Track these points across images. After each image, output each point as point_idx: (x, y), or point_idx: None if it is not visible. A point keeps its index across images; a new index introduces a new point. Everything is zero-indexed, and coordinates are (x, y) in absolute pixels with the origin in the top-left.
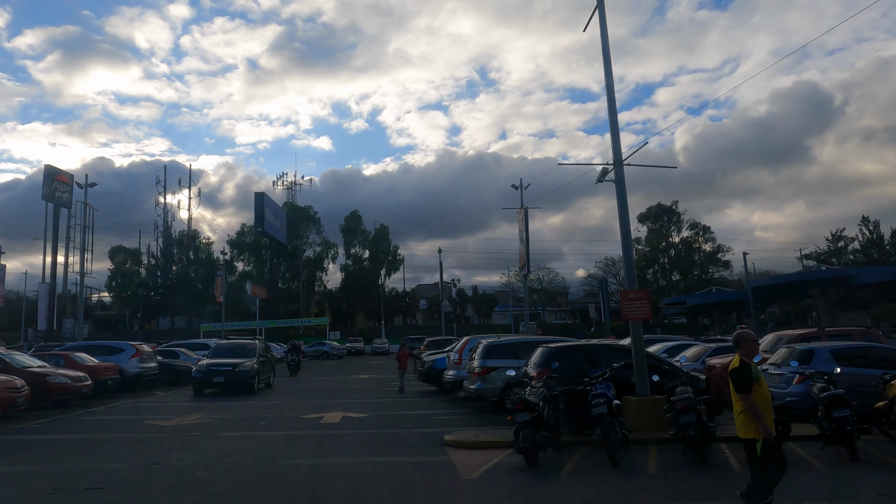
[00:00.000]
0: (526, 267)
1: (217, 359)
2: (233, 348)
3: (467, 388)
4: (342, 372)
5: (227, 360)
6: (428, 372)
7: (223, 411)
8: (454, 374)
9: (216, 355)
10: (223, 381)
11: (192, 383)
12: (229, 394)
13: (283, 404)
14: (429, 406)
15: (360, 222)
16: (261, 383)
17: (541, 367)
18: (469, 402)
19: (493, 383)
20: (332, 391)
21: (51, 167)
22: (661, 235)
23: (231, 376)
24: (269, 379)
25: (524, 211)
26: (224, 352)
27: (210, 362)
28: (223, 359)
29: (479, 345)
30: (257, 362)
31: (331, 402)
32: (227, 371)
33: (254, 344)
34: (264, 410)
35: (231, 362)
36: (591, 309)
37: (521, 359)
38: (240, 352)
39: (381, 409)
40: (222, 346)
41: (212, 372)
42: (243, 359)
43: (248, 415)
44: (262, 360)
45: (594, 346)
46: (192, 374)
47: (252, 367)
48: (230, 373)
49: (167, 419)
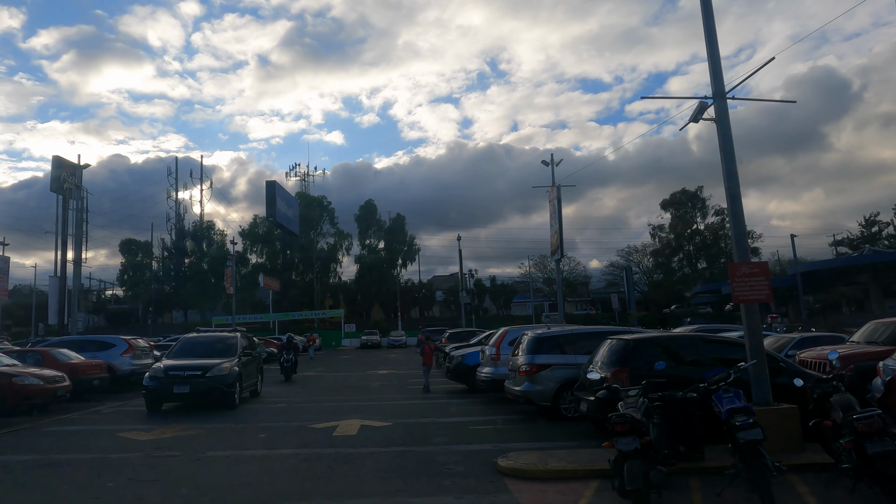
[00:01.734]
0: (559, 251)
1: (181, 359)
2: (205, 344)
3: (510, 390)
4: (358, 366)
5: (194, 362)
6: (457, 369)
7: (217, 419)
8: (491, 373)
9: (180, 354)
10: (188, 391)
11: (143, 395)
12: (198, 409)
13: (290, 408)
14: (463, 411)
15: (374, 212)
16: (245, 391)
17: (616, 366)
18: (509, 404)
19: (545, 384)
20: (347, 390)
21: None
22: (686, 222)
23: (199, 384)
24: (257, 385)
25: (556, 189)
26: (192, 349)
27: (170, 364)
28: (190, 359)
29: (523, 337)
30: (239, 363)
31: (346, 404)
32: (194, 377)
33: (234, 338)
34: (267, 417)
35: (200, 364)
36: (614, 299)
37: (579, 354)
38: (214, 349)
39: (407, 414)
40: (191, 340)
41: (171, 378)
42: (218, 359)
43: (246, 423)
44: (245, 361)
45: (680, 338)
46: (143, 383)
47: (231, 370)
48: (198, 379)
49: (146, 430)
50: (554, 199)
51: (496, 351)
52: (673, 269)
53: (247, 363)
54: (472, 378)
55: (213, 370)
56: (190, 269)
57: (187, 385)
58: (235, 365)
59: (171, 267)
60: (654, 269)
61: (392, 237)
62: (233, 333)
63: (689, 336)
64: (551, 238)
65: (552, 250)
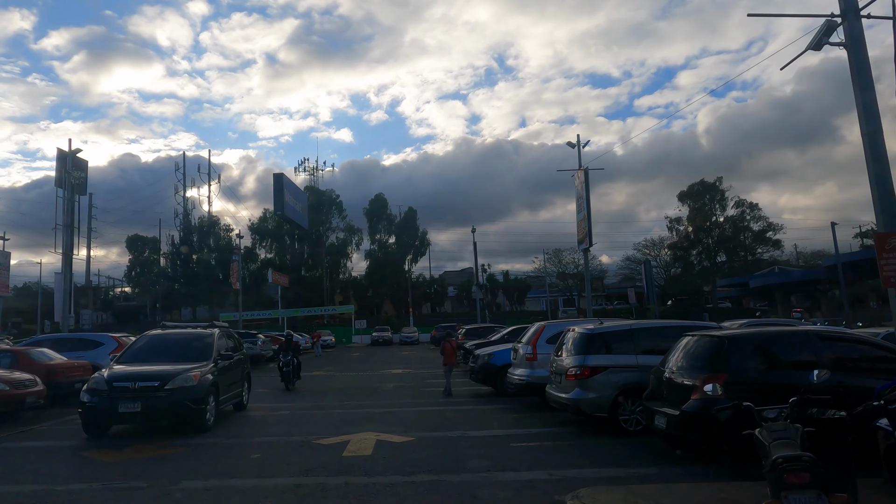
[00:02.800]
0: (587, 239)
1: (134, 365)
2: (170, 345)
3: (554, 397)
4: (369, 365)
5: (151, 369)
6: (484, 370)
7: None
8: (526, 375)
9: (135, 358)
10: (139, 409)
11: (78, 416)
12: (156, 433)
13: (293, 416)
14: (495, 420)
15: (385, 206)
16: (227, 404)
17: (706, 371)
18: (548, 412)
19: (600, 391)
20: (358, 393)
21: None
22: (705, 215)
23: (156, 400)
24: (242, 396)
25: (583, 173)
26: (152, 351)
27: (117, 373)
28: (146, 365)
29: (568, 334)
30: (214, 370)
31: (358, 411)
32: (149, 390)
33: (209, 336)
34: (265, 427)
35: (158, 372)
36: (631, 293)
37: (641, 354)
38: (182, 351)
39: (430, 425)
40: (152, 340)
41: (116, 392)
42: (186, 364)
43: (238, 437)
44: (224, 367)
45: (789, 334)
46: (80, 399)
47: (201, 379)
48: (154, 393)
49: (117, 449)
50: (581, 183)
51: (532, 350)
52: (692, 263)
53: (227, 369)
54: (500, 380)
55: (175, 380)
56: (198, 266)
57: (138, 401)
58: (209, 372)
59: (178, 263)
60: (672, 262)
61: (403, 232)
62: (209, 330)
63: (801, 332)
64: (578, 225)
65: (579, 238)
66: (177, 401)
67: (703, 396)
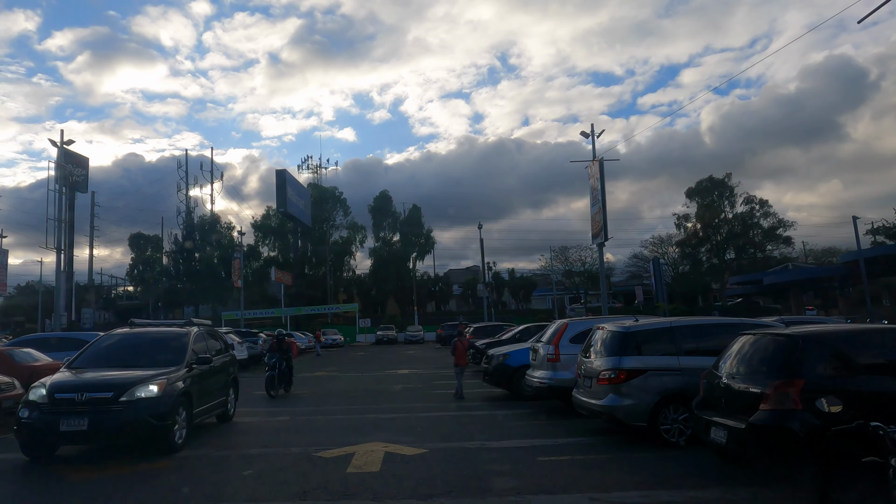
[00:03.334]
0: (602, 233)
1: (86, 371)
2: (135, 347)
3: (583, 403)
4: (374, 365)
5: (103, 376)
6: (499, 371)
7: (194, 439)
8: (548, 378)
9: (89, 363)
10: (86, 428)
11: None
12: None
13: (293, 424)
14: (515, 428)
15: (389, 203)
16: (207, 416)
17: (779, 377)
18: (574, 418)
19: (638, 397)
20: (363, 396)
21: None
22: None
23: (108, 417)
24: (227, 405)
25: (598, 164)
26: (111, 354)
27: (60, 382)
28: (101, 370)
29: (597, 332)
30: (188, 378)
31: (363, 417)
32: (99, 403)
33: (183, 336)
34: (262, 436)
35: (111, 381)
36: (639, 291)
37: (684, 355)
38: (147, 353)
39: (444, 434)
40: (112, 341)
41: (58, 406)
42: (149, 370)
43: (231, 448)
44: (201, 372)
45: (879, 332)
46: (17, 415)
47: (166, 389)
48: (106, 407)
49: (91, 464)
50: (595, 175)
51: (555, 350)
52: (700, 261)
53: (205, 375)
54: (516, 382)
55: (133, 390)
56: (200, 264)
57: (85, 417)
58: (180, 379)
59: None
60: (680, 260)
61: (408, 229)
62: (184, 329)
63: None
64: (592, 219)
65: (594, 233)
66: (134, 416)
67: (776, 407)
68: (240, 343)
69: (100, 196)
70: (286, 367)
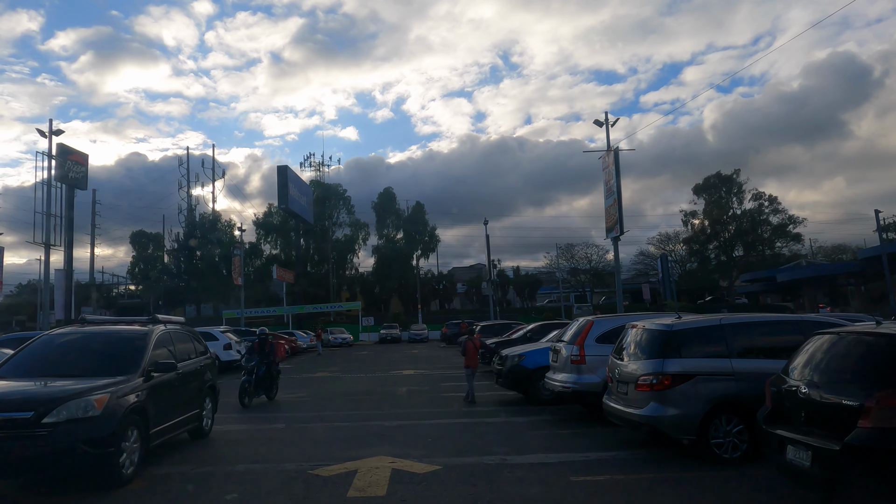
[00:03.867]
0: (618, 226)
1: (10, 380)
2: (78, 349)
3: (617, 412)
4: (378, 365)
5: (25, 388)
6: (514, 373)
7: (176, 452)
8: (572, 381)
9: (15, 371)
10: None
11: None
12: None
13: (289, 431)
14: (537, 438)
15: (393, 200)
16: (167, 435)
17: (890, 387)
18: (601, 425)
19: (685, 406)
20: (367, 399)
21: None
22: (721, 208)
23: (24, 444)
24: (201, 419)
25: (612, 154)
26: (48, 358)
27: None
28: (23, 382)
29: (630, 331)
30: (142, 389)
31: (367, 424)
32: (15, 426)
33: (140, 338)
34: (252, 449)
35: (36, 395)
36: (645, 289)
37: (737, 357)
38: (94, 358)
39: (458, 446)
40: (49, 342)
41: None
42: (91, 380)
43: (216, 463)
44: (162, 383)
45: None
46: None
47: (110, 405)
48: (23, 432)
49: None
50: (610, 166)
51: (579, 351)
52: (708, 258)
53: (168, 386)
54: (533, 386)
55: (62, 408)
56: (202, 262)
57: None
58: (132, 392)
59: (182, 259)
60: (687, 257)
61: (411, 227)
62: (144, 328)
63: None
64: (607, 212)
65: (608, 226)
66: (62, 442)
67: (880, 424)
68: (237, 342)
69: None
70: (266, 371)
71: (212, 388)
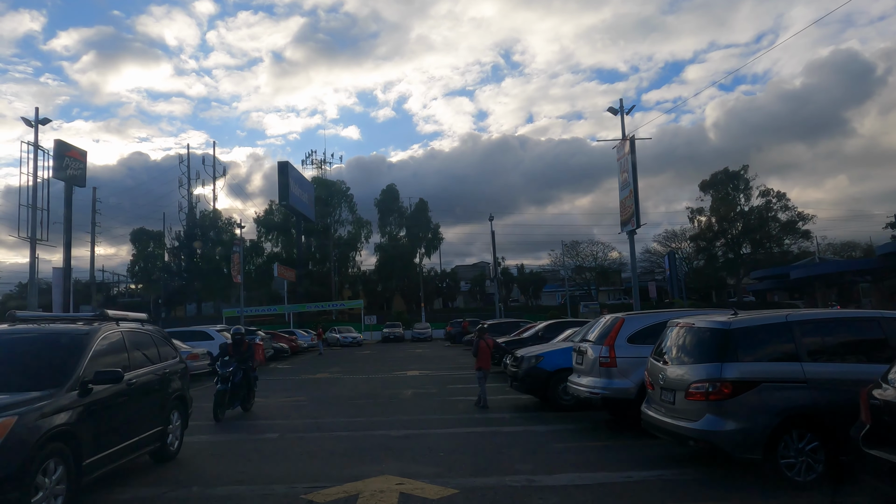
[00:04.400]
0: (634, 219)
1: None
2: None
3: (662, 424)
4: (381, 365)
5: None
6: (530, 376)
7: (150, 464)
8: (602, 386)
9: None
10: None
11: None
12: None
13: (282, 441)
14: (565, 452)
15: (396, 198)
16: (109, 465)
17: None
18: (636, 437)
19: (749, 418)
20: (370, 404)
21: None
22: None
23: None
24: (165, 438)
25: (628, 143)
26: None
27: None
28: None
29: (673, 330)
30: (71, 408)
31: (370, 434)
32: None
33: (78, 339)
34: (238, 465)
35: None
36: (652, 287)
37: (811, 362)
38: (14, 367)
39: (475, 462)
40: None
41: None
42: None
43: (196, 481)
44: (103, 398)
45: None
46: None
47: (17, 435)
48: None
49: None
50: (625, 155)
51: (609, 352)
52: (715, 255)
53: (115, 401)
54: (552, 390)
55: None
56: (202, 260)
57: None
58: (58, 412)
59: (182, 257)
60: (694, 254)
61: (414, 224)
62: (87, 327)
63: None
64: (622, 204)
65: (623, 219)
66: None
67: None
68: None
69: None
70: (244, 378)
71: (180, 399)
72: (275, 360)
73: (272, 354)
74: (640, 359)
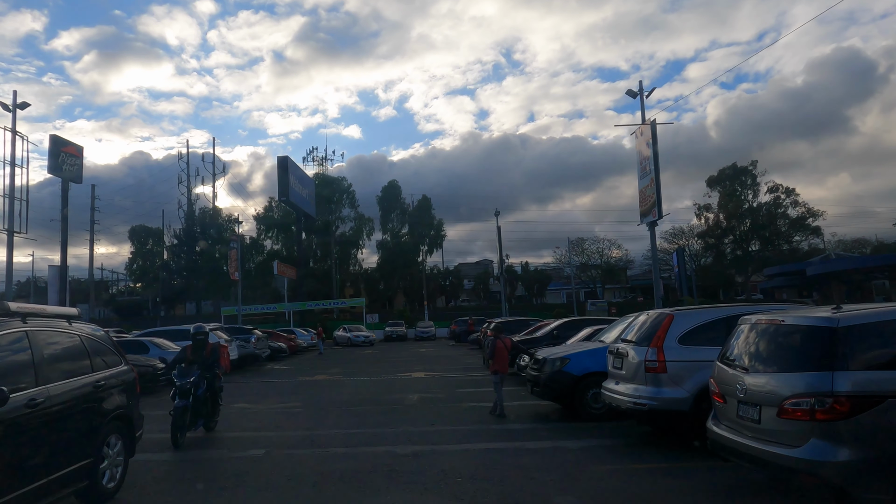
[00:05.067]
0: (655, 210)
1: None
2: None
3: (739, 447)
4: (384, 366)
5: None
6: (555, 381)
7: None
8: (649, 395)
9: None
10: None
11: None
12: None
13: (266, 462)
14: (609, 476)
15: (398, 194)
16: (63, 495)
17: None
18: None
19: (874, 446)
20: (371, 411)
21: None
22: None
23: None
24: (94, 475)
25: (649, 128)
26: None
27: None
28: None
29: (755, 327)
30: None
31: (371, 451)
32: None
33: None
34: (212, 497)
35: None
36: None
37: None
38: None
39: (501, 493)
40: None
41: None
42: None
43: None
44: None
45: None
46: None
47: None
48: None
49: None
50: (645, 141)
51: (657, 355)
52: (724, 252)
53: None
54: (579, 397)
55: None
56: (202, 258)
57: None
58: None
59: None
60: (702, 252)
61: (417, 221)
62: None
63: None
64: (641, 194)
65: (643, 210)
66: None
67: None
68: (227, 341)
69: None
70: (208, 390)
71: (122, 419)
72: (272, 360)
73: (269, 354)
74: (695, 363)
